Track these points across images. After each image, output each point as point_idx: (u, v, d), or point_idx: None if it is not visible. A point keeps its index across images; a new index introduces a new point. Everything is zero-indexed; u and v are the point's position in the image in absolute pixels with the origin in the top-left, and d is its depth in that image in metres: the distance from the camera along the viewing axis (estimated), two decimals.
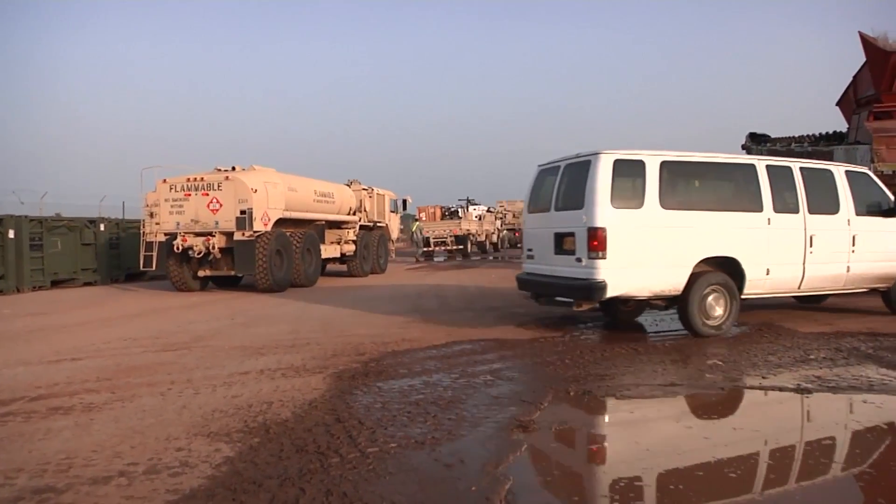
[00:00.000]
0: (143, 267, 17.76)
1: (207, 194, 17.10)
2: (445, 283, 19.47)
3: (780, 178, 9.47)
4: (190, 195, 17.23)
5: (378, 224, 24.95)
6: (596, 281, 8.38)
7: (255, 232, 16.74)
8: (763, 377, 6.68)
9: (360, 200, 23.83)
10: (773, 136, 31.70)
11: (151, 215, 17.63)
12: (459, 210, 42.69)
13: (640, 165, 8.69)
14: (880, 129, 18.17)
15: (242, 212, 16.71)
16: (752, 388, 6.38)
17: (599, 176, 8.44)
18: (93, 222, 20.97)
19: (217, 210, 16.99)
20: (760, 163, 9.48)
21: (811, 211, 9.54)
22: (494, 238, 46.70)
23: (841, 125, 24.55)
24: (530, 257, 10.35)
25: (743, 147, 33.02)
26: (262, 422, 5.36)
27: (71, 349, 8.85)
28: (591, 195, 8.47)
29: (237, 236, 16.78)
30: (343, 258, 22.54)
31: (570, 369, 7.13)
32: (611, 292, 8.42)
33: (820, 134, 27.10)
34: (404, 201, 28.70)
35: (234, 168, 17.91)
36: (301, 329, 10.41)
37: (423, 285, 18.71)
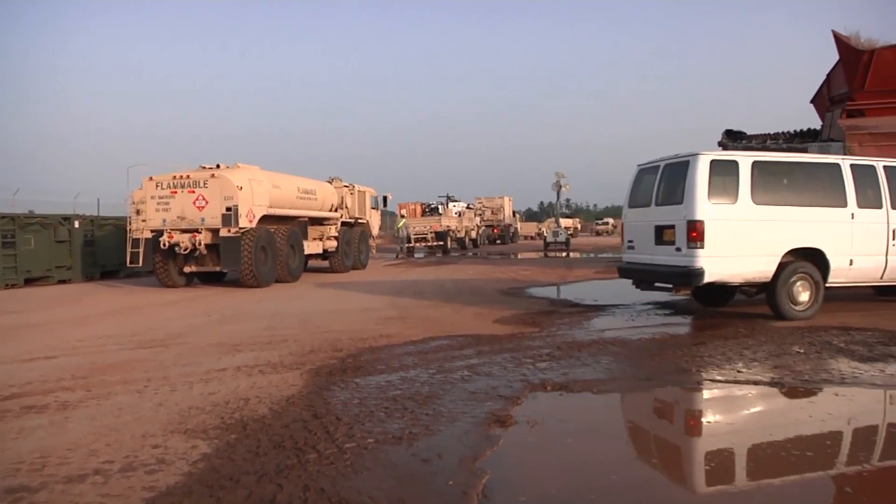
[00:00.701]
0: (130, 263, 17.85)
1: (193, 192, 17.30)
2: (423, 279, 19.50)
3: (864, 175, 10.32)
4: (176, 192, 17.43)
5: (359, 220, 25.24)
6: (694, 268, 9.44)
7: (240, 228, 16.96)
8: (738, 371, 6.77)
9: (342, 197, 24.06)
10: (748, 133, 32.08)
11: (138, 212, 17.77)
12: (440, 207, 43.00)
13: (733, 165, 9.74)
14: (853, 126, 18.41)
15: (228, 209, 16.94)
16: (727, 382, 6.45)
17: (698, 174, 9.50)
18: (67, 219, 20.72)
19: (203, 207, 17.20)
20: (845, 162, 10.35)
21: (894, 206, 10.35)
22: (474, 234, 47.12)
23: (815, 122, 24.85)
24: (630, 248, 11.37)
25: (719, 144, 33.37)
26: (240, 418, 5.34)
27: (45, 347, 8.76)
28: (690, 191, 9.54)
29: (223, 233, 16.97)
30: (325, 254, 22.80)
31: (546, 365, 7.17)
32: (707, 278, 9.49)
33: (795, 131, 27.39)
34: (385, 198, 29.02)
35: (218, 166, 18.01)
36: (278, 326, 10.38)
37: (401, 282, 18.72)
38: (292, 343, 8.76)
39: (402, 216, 38.54)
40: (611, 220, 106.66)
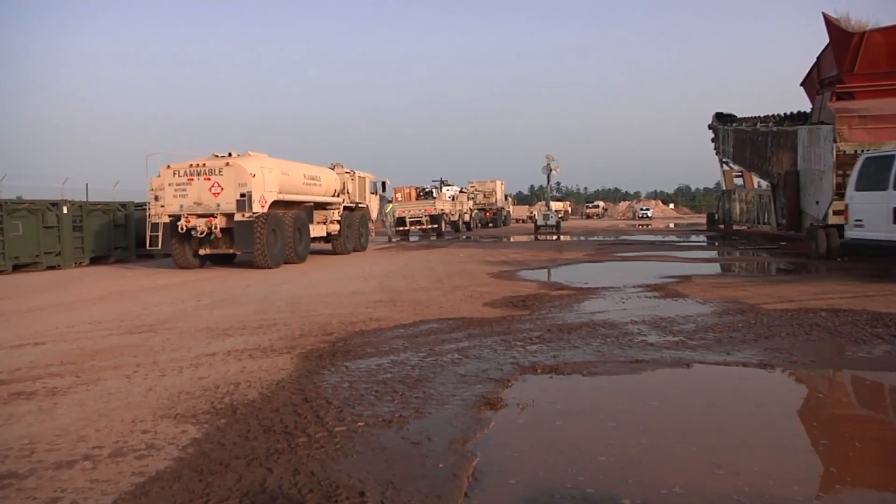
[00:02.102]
0: (149, 246, 18.93)
1: (209, 179, 18.34)
2: (413, 262, 19.48)
3: None
4: (193, 180, 18.47)
5: (360, 205, 26.20)
6: None
7: (253, 213, 17.97)
8: (728, 353, 6.80)
9: (344, 183, 24.84)
10: (739, 116, 32.11)
11: (156, 198, 18.84)
12: (434, 190, 43.36)
13: None
14: (843, 109, 18.42)
15: (242, 195, 17.97)
16: (716, 363, 6.48)
17: None
18: (55, 205, 20.55)
19: (219, 193, 18.24)
20: None
21: None
22: (467, 218, 48.08)
23: (805, 105, 24.87)
24: (858, 226, 13.44)
25: (709, 127, 33.47)
26: (230, 403, 5.33)
27: (33, 334, 8.71)
28: None
29: (237, 217, 17.99)
30: (328, 237, 23.88)
31: (537, 347, 7.19)
32: None
33: (784, 114, 27.45)
34: (384, 183, 29.82)
35: (230, 154, 19.00)
36: (268, 310, 10.36)
37: (392, 265, 18.70)
38: (282, 327, 8.74)
39: (390, 201, 38.74)
40: (601, 204, 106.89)
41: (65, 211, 20.67)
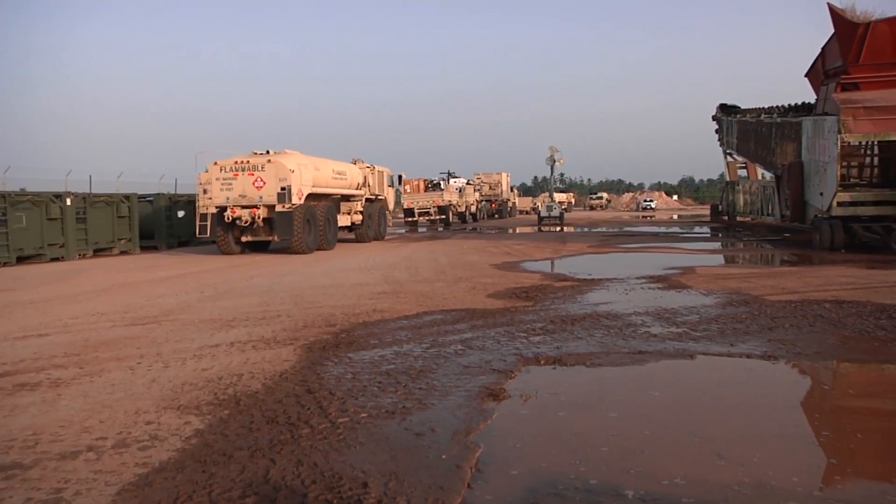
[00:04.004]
0: (199, 234, 20.94)
1: (253, 174, 20.42)
2: (417, 254, 19.48)
3: None
4: (238, 175, 20.51)
5: (378, 197, 28.23)
6: None
7: (292, 205, 20.05)
8: (731, 345, 6.79)
9: (365, 177, 26.78)
10: (742, 107, 31.98)
11: (205, 191, 20.72)
12: (441, 182, 44.23)
13: None
14: (847, 100, 18.32)
15: (282, 188, 20.02)
16: (719, 355, 6.48)
17: None
18: (59, 197, 20.57)
19: (261, 187, 20.33)
20: None
21: None
22: (473, 209, 49.42)
23: (810, 96, 24.76)
24: None
25: (714, 118, 33.34)
26: (233, 394, 5.34)
27: (38, 325, 8.73)
28: None
29: (278, 208, 20.06)
30: (352, 226, 26.11)
31: (540, 338, 7.18)
32: None
33: (789, 105, 27.33)
34: (400, 177, 32.23)
35: (268, 151, 21.08)
36: (272, 301, 10.36)
37: (396, 256, 18.69)
38: (285, 318, 8.75)
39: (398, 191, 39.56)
40: (604, 195, 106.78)
41: (68, 203, 20.69)
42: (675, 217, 53.95)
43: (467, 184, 49.78)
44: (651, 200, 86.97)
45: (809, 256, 16.37)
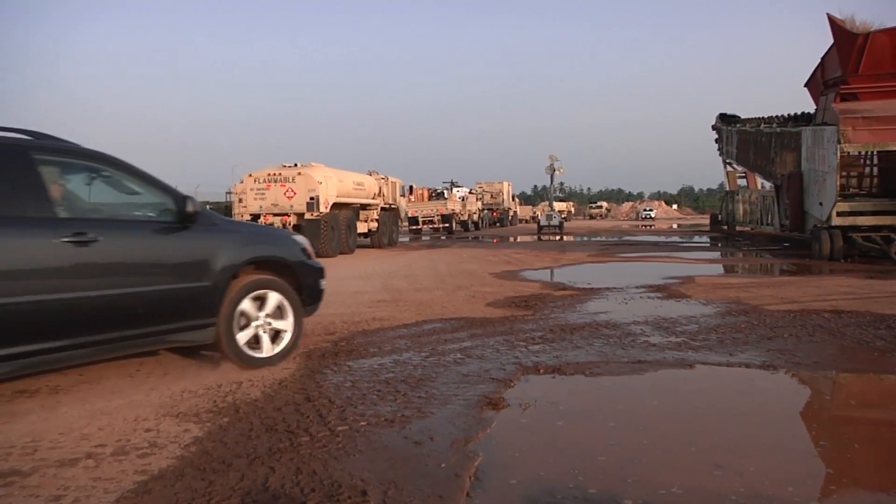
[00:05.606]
0: None
1: (284, 185, 22.59)
2: (417, 262, 19.50)
3: None
4: (270, 186, 22.73)
5: (392, 206, 30.41)
6: None
7: (320, 213, 22.17)
8: (730, 354, 6.80)
9: (380, 187, 28.64)
10: (742, 117, 32.06)
11: (240, 201, 23.06)
12: (445, 191, 45.24)
13: None
14: (847, 110, 18.38)
15: (311, 198, 22.20)
16: (718, 364, 6.48)
17: None
18: None
19: (291, 197, 22.49)
20: None
21: None
22: (475, 217, 50.50)
23: (809, 106, 24.83)
24: None
25: (713, 128, 33.42)
26: (232, 402, 5.34)
27: None
28: None
29: (307, 216, 22.16)
30: (368, 234, 27.84)
31: (539, 347, 7.19)
32: None
33: (788, 115, 27.42)
34: (411, 187, 34.29)
35: (296, 164, 23.17)
36: None
37: (395, 264, 18.71)
38: None
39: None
40: (604, 204, 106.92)
41: None
42: (675, 226, 53.99)
43: (469, 193, 50.72)
44: (651, 210, 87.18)
45: (809, 266, 16.38)
